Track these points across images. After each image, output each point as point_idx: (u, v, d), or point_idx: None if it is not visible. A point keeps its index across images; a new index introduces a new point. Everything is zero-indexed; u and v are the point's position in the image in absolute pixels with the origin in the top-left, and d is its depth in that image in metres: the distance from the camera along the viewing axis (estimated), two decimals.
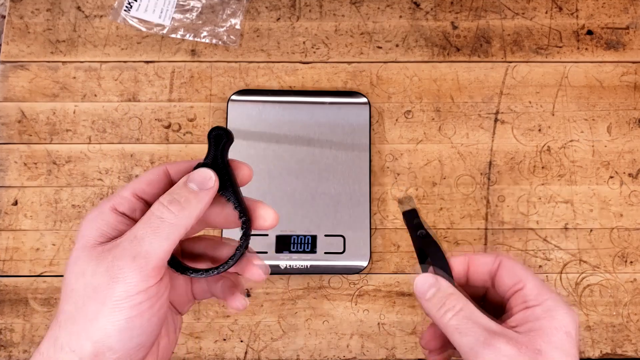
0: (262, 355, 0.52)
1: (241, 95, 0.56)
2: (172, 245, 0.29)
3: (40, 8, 0.60)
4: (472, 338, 0.31)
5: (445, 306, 0.32)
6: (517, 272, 0.34)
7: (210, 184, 0.31)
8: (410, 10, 0.60)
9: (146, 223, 0.29)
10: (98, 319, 0.28)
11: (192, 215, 0.30)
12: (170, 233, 0.29)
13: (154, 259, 0.28)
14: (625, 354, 0.53)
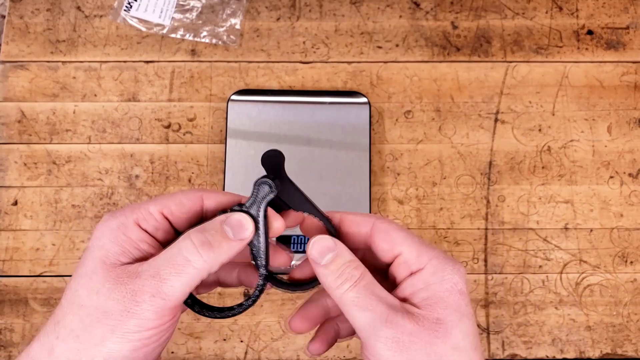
0: (262, 355, 0.52)
1: (241, 95, 0.56)
2: (192, 288, 0.28)
3: (40, 8, 0.60)
4: (371, 313, 0.28)
5: (343, 275, 0.29)
6: (392, 236, 0.30)
7: (246, 234, 0.30)
8: (410, 10, 0.60)
9: (171, 261, 0.28)
10: (104, 344, 0.27)
11: (218, 261, 0.29)
12: (193, 276, 0.28)
13: (172, 300, 0.28)
14: (625, 354, 0.53)
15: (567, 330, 0.53)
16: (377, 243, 0.31)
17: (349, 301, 0.28)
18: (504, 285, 0.54)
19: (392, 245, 0.30)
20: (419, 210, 0.55)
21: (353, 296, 0.28)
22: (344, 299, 0.28)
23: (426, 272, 0.29)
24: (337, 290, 0.29)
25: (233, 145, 0.55)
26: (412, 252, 0.30)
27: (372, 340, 0.28)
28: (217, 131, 0.57)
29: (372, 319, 0.28)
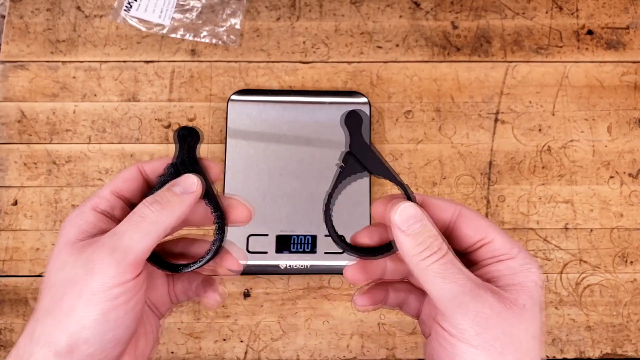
0: (262, 355, 0.52)
1: (241, 95, 0.56)
2: (152, 243, 0.29)
3: (40, 8, 0.60)
4: (457, 286, 0.28)
5: (430, 248, 0.29)
6: (482, 225, 0.31)
7: (193, 188, 0.31)
8: (410, 10, 0.60)
9: (127, 220, 0.29)
10: (74, 311, 0.28)
11: (172, 216, 0.30)
12: (150, 230, 0.29)
13: (132, 253, 0.28)
14: (625, 354, 0.53)
15: (567, 330, 0.53)
16: (462, 228, 0.31)
17: (433, 272, 0.28)
18: None
19: (481, 233, 0.31)
20: None
21: (438, 268, 0.29)
22: (428, 270, 0.29)
23: (516, 261, 0.30)
24: (421, 261, 0.29)
25: (233, 145, 0.55)
26: (504, 243, 0.31)
27: (456, 312, 0.28)
28: (217, 131, 0.57)
29: (458, 292, 0.28)
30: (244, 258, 0.34)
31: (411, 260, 0.29)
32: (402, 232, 0.29)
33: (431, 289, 0.29)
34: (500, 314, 0.28)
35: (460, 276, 0.28)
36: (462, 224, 0.31)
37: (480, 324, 0.28)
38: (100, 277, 0.28)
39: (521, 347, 0.28)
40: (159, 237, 0.30)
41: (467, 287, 0.28)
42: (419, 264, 0.29)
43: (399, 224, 0.30)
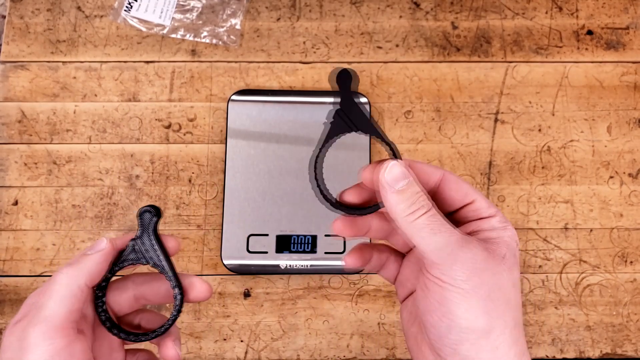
0: (262, 355, 0.52)
1: (241, 95, 0.56)
2: (70, 305, 0.30)
3: (41, 8, 0.60)
4: (447, 236, 0.30)
5: (416, 203, 0.30)
6: (464, 187, 0.33)
7: (100, 246, 0.33)
8: (410, 10, 0.60)
9: (44, 290, 0.31)
10: None
11: (81, 273, 0.31)
12: (65, 293, 0.30)
13: (53, 321, 0.30)
14: (625, 353, 0.53)
15: (567, 330, 0.53)
16: (447, 191, 0.33)
17: (421, 225, 0.30)
18: None
19: (464, 194, 0.33)
20: None
21: (426, 222, 0.30)
22: (416, 224, 0.30)
23: (495, 219, 0.32)
24: (409, 216, 0.30)
25: (233, 145, 0.55)
26: (484, 202, 0.32)
27: (447, 261, 0.29)
28: (217, 131, 0.57)
29: (447, 241, 0.29)
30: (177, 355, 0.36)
31: (399, 216, 0.30)
32: (390, 189, 0.31)
33: (420, 241, 0.30)
34: (486, 261, 0.30)
35: (448, 228, 0.30)
36: (446, 187, 0.33)
37: (469, 270, 0.29)
38: (33, 355, 0.29)
39: (504, 292, 0.30)
40: (76, 297, 0.31)
41: (454, 236, 0.30)
42: (407, 219, 0.30)
43: (387, 181, 0.31)
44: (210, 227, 0.55)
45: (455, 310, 0.29)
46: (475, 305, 0.29)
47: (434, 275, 0.30)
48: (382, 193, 0.31)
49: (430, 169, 0.33)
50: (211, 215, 0.55)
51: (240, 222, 0.53)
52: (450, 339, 0.29)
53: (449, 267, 0.29)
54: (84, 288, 0.31)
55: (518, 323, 0.30)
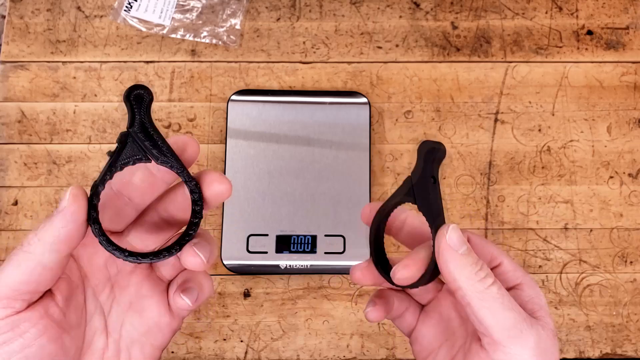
0: (262, 355, 0.52)
1: (241, 95, 0.56)
2: (24, 275, 0.26)
3: (41, 8, 0.60)
4: (516, 314, 0.27)
5: (483, 269, 0.28)
6: (489, 249, 0.31)
7: (62, 204, 0.27)
8: (410, 10, 0.60)
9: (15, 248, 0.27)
10: None
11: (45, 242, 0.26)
12: (21, 261, 0.26)
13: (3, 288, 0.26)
14: (625, 354, 0.53)
15: (567, 330, 0.53)
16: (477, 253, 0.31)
17: (493, 297, 0.27)
18: None
19: (491, 257, 0.31)
20: None
21: (497, 293, 0.27)
22: (487, 293, 0.27)
23: (527, 286, 0.30)
24: (479, 282, 0.28)
25: (233, 145, 0.55)
26: (510, 266, 0.31)
27: (515, 341, 0.27)
28: (217, 131, 0.57)
29: (517, 320, 0.27)
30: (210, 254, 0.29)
31: (466, 281, 0.28)
32: (454, 252, 0.28)
33: (487, 315, 0.27)
34: (548, 341, 0.28)
35: (515, 303, 0.28)
36: (476, 249, 0.31)
37: (534, 354, 0.27)
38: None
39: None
40: (36, 267, 0.26)
41: (522, 314, 0.28)
42: (476, 286, 0.28)
43: (452, 244, 0.28)
44: (210, 227, 0.55)
45: None
46: None
47: (493, 356, 0.28)
48: (445, 257, 0.28)
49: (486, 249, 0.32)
50: (211, 215, 0.55)
51: (240, 222, 0.53)
52: None
53: (518, 351, 0.27)
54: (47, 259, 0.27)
55: None
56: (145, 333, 0.32)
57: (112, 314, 0.31)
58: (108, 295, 0.31)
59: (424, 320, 0.34)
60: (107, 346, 0.31)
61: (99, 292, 0.31)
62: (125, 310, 0.31)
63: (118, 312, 0.31)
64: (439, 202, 0.31)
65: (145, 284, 0.31)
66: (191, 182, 0.28)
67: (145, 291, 0.31)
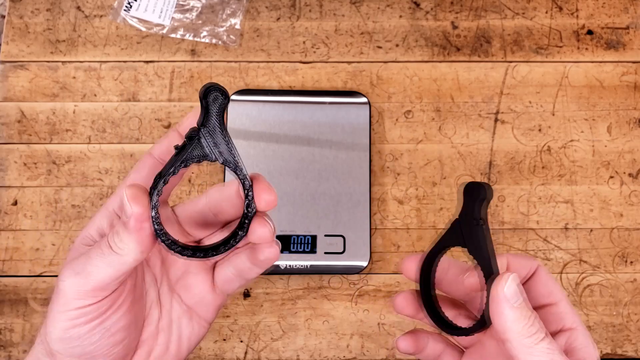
0: (262, 355, 0.52)
1: (241, 95, 0.56)
2: (117, 274, 0.28)
3: (40, 8, 0.60)
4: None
5: (535, 325, 0.27)
6: (551, 284, 0.30)
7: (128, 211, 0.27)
8: (410, 10, 0.60)
9: (100, 243, 0.28)
10: (46, 324, 0.29)
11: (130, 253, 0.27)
12: (112, 262, 0.27)
13: (93, 281, 0.27)
14: (625, 354, 0.53)
15: None
16: (538, 287, 0.31)
17: (541, 352, 0.27)
18: None
19: (551, 294, 0.30)
20: (419, 210, 0.55)
21: (546, 349, 0.27)
22: (536, 349, 0.27)
23: (581, 332, 0.30)
24: (529, 338, 0.27)
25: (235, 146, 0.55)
26: (568, 307, 0.30)
27: None
28: None
29: None
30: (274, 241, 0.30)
31: (516, 336, 0.27)
32: (507, 304, 0.27)
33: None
34: None
35: (564, 358, 0.27)
36: (540, 282, 0.31)
37: None
38: (62, 298, 0.28)
39: None
40: (127, 269, 0.28)
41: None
42: (526, 342, 0.27)
43: (509, 295, 0.27)
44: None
45: None
46: None
47: None
48: (499, 309, 0.28)
49: (524, 262, 0.31)
50: None
51: None
52: None
53: None
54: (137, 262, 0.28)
55: None
56: (192, 306, 0.33)
57: (164, 287, 0.32)
58: (160, 269, 0.33)
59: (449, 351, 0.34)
60: (161, 316, 0.32)
61: (152, 265, 0.32)
62: (175, 285, 0.33)
63: (169, 286, 0.33)
64: (491, 245, 0.30)
65: (193, 262, 0.32)
66: (249, 192, 0.29)
67: (192, 268, 0.32)
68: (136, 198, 0.27)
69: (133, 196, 0.27)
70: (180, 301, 0.33)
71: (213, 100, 0.28)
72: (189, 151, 0.27)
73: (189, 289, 0.33)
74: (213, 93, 0.28)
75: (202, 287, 0.33)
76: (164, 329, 0.32)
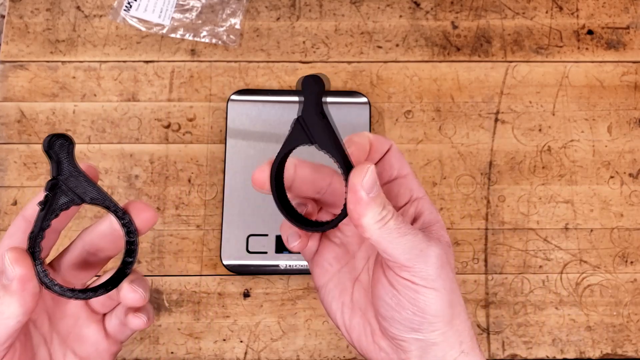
0: (262, 355, 0.52)
1: (241, 95, 0.56)
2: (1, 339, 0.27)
3: (40, 8, 0.60)
4: (411, 237, 0.29)
5: (386, 208, 0.29)
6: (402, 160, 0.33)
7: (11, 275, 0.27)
8: (410, 9, 0.60)
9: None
10: None
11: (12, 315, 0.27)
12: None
13: None
14: (625, 354, 0.53)
15: (567, 331, 0.53)
16: (392, 162, 0.33)
17: (390, 230, 0.29)
18: (504, 286, 0.54)
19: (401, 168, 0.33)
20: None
21: (394, 225, 0.29)
22: (385, 229, 0.29)
23: (426, 201, 0.32)
24: (379, 222, 0.29)
25: (233, 145, 0.55)
26: (415, 180, 0.33)
27: (417, 263, 0.29)
28: (216, 131, 0.57)
29: (414, 243, 0.29)
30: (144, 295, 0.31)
31: (370, 223, 0.28)
32: (362, 196, 0.28)
33: (388, 245, 0.29)
34: (444, 255, 0.30)
35: (410, 227, 0.30)
36: (392, 158, 0.33)
37: (437, 268, 0.29)
38: None
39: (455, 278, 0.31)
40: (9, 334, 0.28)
41: (418, 235, 0.29)
42: (377, 225, 0.29)
43: (368, 187, 0.28)
44: (210, 228, 0.55)
45: (427, 308, 0.29)
46: (444, 300, 0.30)
47: (404, 277, 0.30)
48: (354, 199, 0.28)
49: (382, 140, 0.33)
50: (211, 215, 0.55)
51: (239, 223, 0.53)
52: (419, 332, 0.30)
53: (420, 269, 0.29)
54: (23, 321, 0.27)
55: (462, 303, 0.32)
56: (87, 357, 0.33)
57: (54, 344, 0.32)
58: (48, 326, 0.32)
59: (328, 247, 0.35)
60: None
61: (39, 324, 0.32)
62: (66, 339, 0.33)
63: (59, 342, 0.32)
64: (338, 138, 0.30)
65: (82, 314, 0.33)
66: (124, 218, 0.29)
67: (82, 321, 0.33)
68: (19, 260, 0.27)
69: (15, 259, 0.27)
70: (74, 355, 0.33)
71: (60, 148, 0.28)
72: (54, 202, 0.28)
73: (82, 341, 0.33)
74: (58, 141, 0.28)
75: (95, 337, 0.33)
76: None
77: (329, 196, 0.33)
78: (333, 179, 0.32)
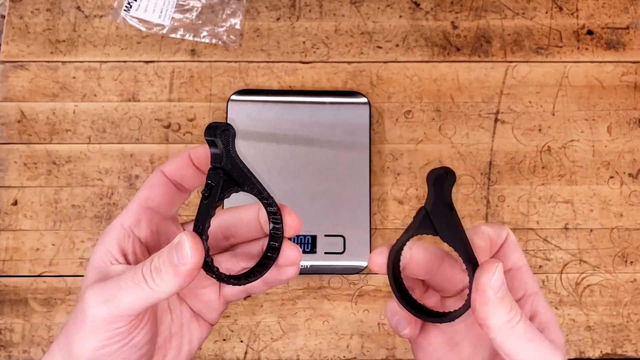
0: (262, 355, 0.52)
1: (241, 95, 0.56)
2: (147, 305, 0.29)
3: (40, 8, 0.60)
4: (539, 344, 0.28)
5: (514, 309, 0.28)
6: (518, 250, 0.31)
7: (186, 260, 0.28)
8: (410, 10, 0.60)
9: (134, 274, 0.29)
10: (72, 342, 0.29)
11: (167, 290, 0.28)
12: (145, 297, 0.28)
13: (125, 309, 0.28)
14: (625, 354, 0.53)
15: (567, 331, 0.53)
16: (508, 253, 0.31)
17: (518, 333, 0.28)
18: None
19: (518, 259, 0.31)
20: None
21: (522, 329, 0.28)
22: (513, 331, 0.28)
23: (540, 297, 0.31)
24: (507, 323, 0.28)
25: None
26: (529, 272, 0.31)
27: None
28: None
29: (542, 351, 0.28)
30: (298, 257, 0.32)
31: (497, 323, 0.28)
32: (490, 296, 0.27)
33: (512, 349, 0.28)
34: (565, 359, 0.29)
35: (539, 334, 0.28)
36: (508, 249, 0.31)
37: None
38: (90, 323, 0.29)
39: None
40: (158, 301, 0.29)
41: (546, 343, 0.28)
42: (504, 327, 0.28)
43: (495, 288, 0.27)
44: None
45: None
46: None
47: None
48: (483, 300, 0.27)
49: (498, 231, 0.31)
50: None
51: None
52: None
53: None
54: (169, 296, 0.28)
55: None
56: (199, 311, 0.35)
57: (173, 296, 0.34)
58: None
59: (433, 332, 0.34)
60: (172, 321, 0.34)
61: None
62: (185, 295, 0.34)
63: (177, 295, 0.34)
64: (462, 230, 0.29)
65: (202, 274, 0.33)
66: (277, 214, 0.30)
67: (200, 281, 0.34)
68: (197, 248, 0.28)
69: (195, 246, 0.28)
70: (188, 307, 0.34)
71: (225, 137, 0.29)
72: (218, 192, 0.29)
73: (198, 297, 0.34)
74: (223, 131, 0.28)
75: (209, 296, 0.34)
76: (176, 333, 0.34)
77: (439, 278, 0.32)
78: (444, 260, 0.32)
